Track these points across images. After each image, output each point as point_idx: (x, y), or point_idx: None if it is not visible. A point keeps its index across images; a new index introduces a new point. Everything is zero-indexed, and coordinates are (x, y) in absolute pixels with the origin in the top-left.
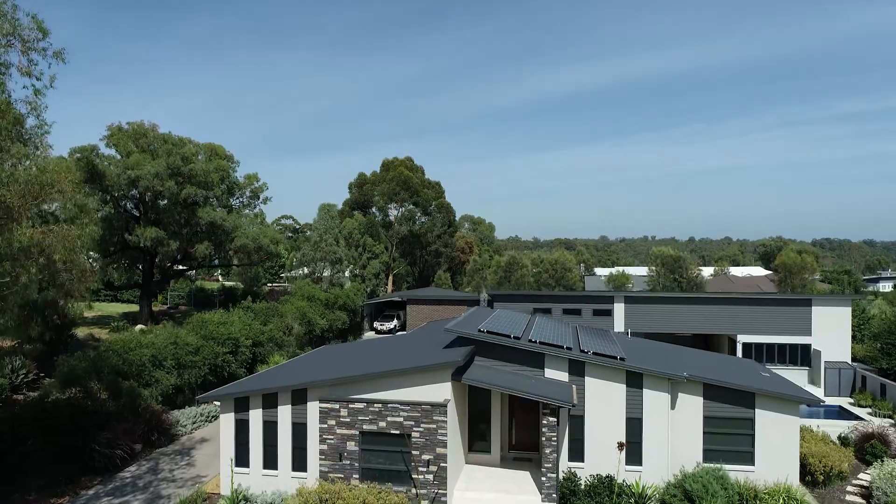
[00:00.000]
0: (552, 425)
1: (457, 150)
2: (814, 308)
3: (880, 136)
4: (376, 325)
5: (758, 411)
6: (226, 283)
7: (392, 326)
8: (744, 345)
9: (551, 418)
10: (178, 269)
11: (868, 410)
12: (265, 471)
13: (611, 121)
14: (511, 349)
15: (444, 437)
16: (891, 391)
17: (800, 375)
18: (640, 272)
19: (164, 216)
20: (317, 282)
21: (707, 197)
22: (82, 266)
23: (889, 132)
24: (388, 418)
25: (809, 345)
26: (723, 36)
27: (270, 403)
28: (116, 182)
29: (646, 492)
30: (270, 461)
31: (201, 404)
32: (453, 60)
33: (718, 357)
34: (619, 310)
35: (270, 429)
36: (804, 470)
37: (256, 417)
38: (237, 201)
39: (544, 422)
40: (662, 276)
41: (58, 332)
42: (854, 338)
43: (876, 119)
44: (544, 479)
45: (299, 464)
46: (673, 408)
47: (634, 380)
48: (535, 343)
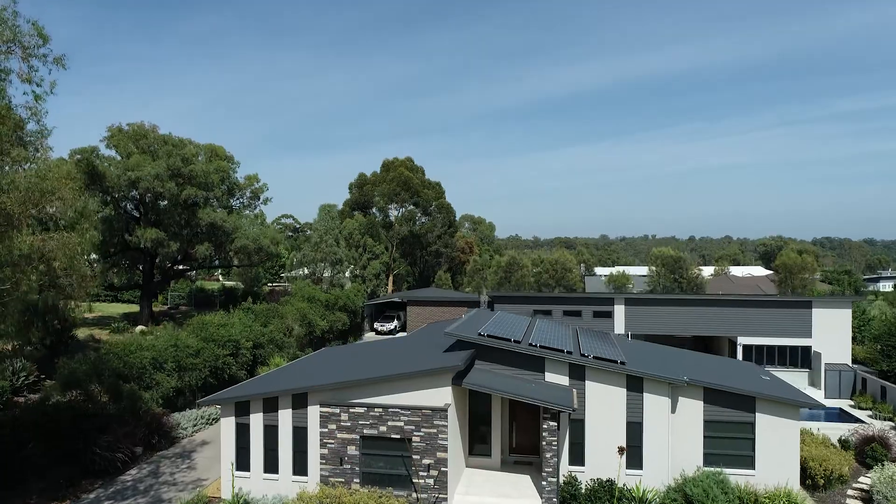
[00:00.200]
0: (553, 430)
1: (457, 150)
2: (814, 310)
3: (881, 134)
4: (376, 325)
5: (758, 415)
6: (226, 283)
7: (392, 327)
8: (744, 346)
9: (552, 423)
10: (179, 270)
11: (868, 413)
12: (266, 475)
13: (611, 120)
14: (511, 353)
15: (445, 441)
16: (891, 393)
17: (800, 377)
18: (641, 272)
19: (165, 217)
20: (317, 282)
21: (707, 196)
22: (83, 272)
23: (889, 130)
24: (389, 423)
25: (810, 347)
26: (723, 35)
27: (271, 407)
28: (117, 183)
29: (646, 496)
30: (271, 465)
31: (202, 407)
32: (453, 60)
33: (719, 360)
34: (619, 311)
35: (271, 433)
36: (804, 473)
37: (257, 421)
38: (237, 202)
39: (545, 426)
40: (663, 276)
41: (58, 334)
42: (854, 339)
43: (876, 117)
44: (545, 483)
45: (300, 468)
46: (673, 412)
47: (635, 384)
48: (536, 347)
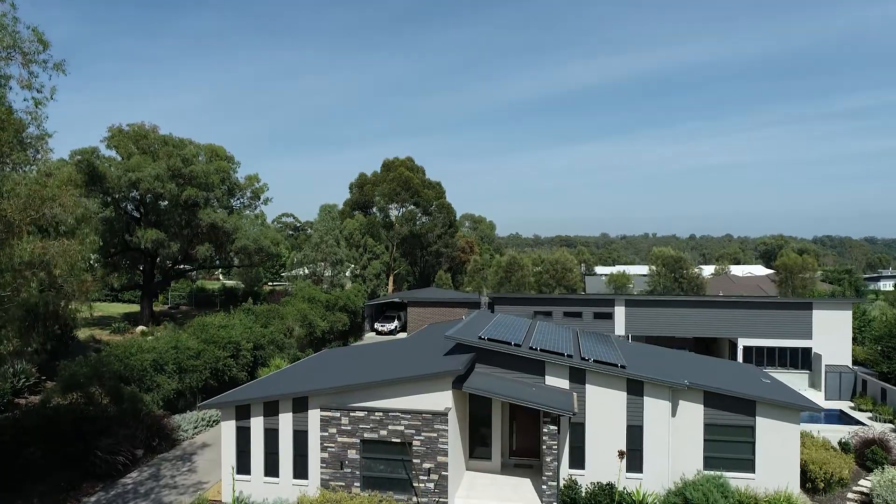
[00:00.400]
0: (553, 434)
1: (457, 148)
2: (814, 311)
3: (881, 132)
4: (377, 326)
5: (758, 419)
6: (226, 282)
7: (393, 327)
8: (745, 348)
9: (552, 427)
10: (179, 270)
11: (869, 415)
12: (266, 478)
13: (612, 118)
14: (512, 356)
15: (445, 445)
16: (891, 395)
17: (800, 379)
18: (641, 271)
19: (165, 217)
20: (317, 283)
21: (708, 194)
22: (83, 279)
23: (890, 128)
24: (389, 427)
25: (810, 348)
26: (723, 33)
27: (271, 411)
28: (117, 184)
29: (646, 499)
30: (272, 468)
31: (203, 410)
32: (454, 58)
33: (719, 362)
34: (619, 313)
35: (271, 436)
36: (805, 477)
37: (258, 425)
38: (238, 202)
39: (545, 430)
40: (663, 275)
41: (59, 339)
42: (855, 340)
43: (877, 115)
44: (545, 486)
45: (300, 471)
46: (674, 415)
47: (635, 387)
48: (536, 350)
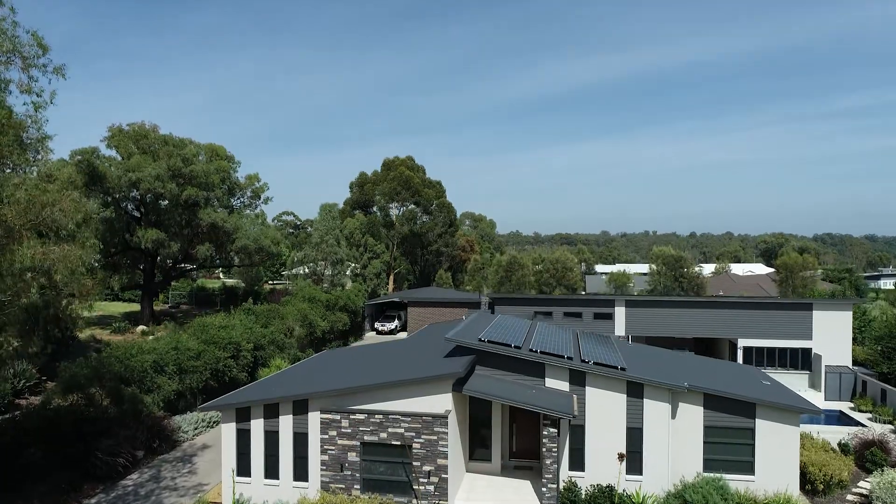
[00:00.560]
0: (553, 436)
1: (458, 147)
2: (815, 312)
3: (882, 130)
4: (377, 325)
5: (758, 421)
6: (227, 281)
7: (393, 327)
8: (744, 348)
9: (552, 429)
10: (180, 269)
11: (868, 416)
12: (266, 480)
13: (612, 117)
14: (512, 359)
15: (445, 448)
16: (891, 396)
17: (800, 379)
18: (642, 269)
19: (165, 217)
20: (318, 282)
21: (708, 192)
22: (84, 284)
23: (891, 127)
24: (390, 429)
25: (810, 349)
26: (723, 31)
27: (272, 413)
28: (117, 184)
29: (646, 502)
30: (272, 471)
31: (203, 410)
32: (454, 56)
33: (719, 364)
34: (619, 313)
35: (272, 439)
36: (804, 478)
37: (258, 427)
38: (238, 201)
39: (545, 433)
40: (664, 274)
41: (59, 342)
42: (855, 340)
43: (877, 113)
44: (545, 489)
45: (300, 473)
46: (673, 417)
47: (635, 390)
48: (536, 353)
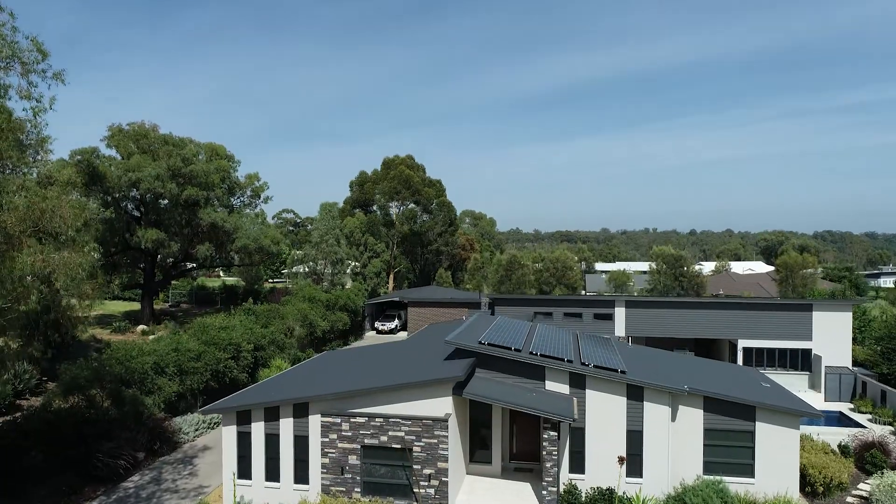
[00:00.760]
0: (553, 439)
1: (458, 143)
2: (814, 313)
3: (883, 127)
4: (377, 325)
5: (758, 424)
6: (227, 279)
7: (393, 326)
8: (744, 349)
9: (552, 432)
10: (180, 268)
11: (868, 417)
12: (267, 483)
13: (613, 112)
14: (512, 361)
15: (446, 451)
16: (891, 398)
17: (800, 380)
18: (642, 268)
19: (165, 217)
20: (318, 281)
21: (708, 189)
22: (84, 291)
23: (892, 123)
24: (390, 433)
25: (810, 349)
26: (723, 27)
27: (272, 416)
28: (117, 184)
29: None
30: (272, 473)
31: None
32: (455, 51)
33: (719, 365)
34: (619, 314)
35: (272, 441)
36: (804, 481)
37: (258, 430)
38: (238, 201)
39: (545, 436)
40: (664, 273)
41: (59, 347)
42: (855, 339)
43: (878, 110)
44: (545, 492)
45: (301, 476)
46: (673, 420)
47: (635, 392)
48: (536, 356)
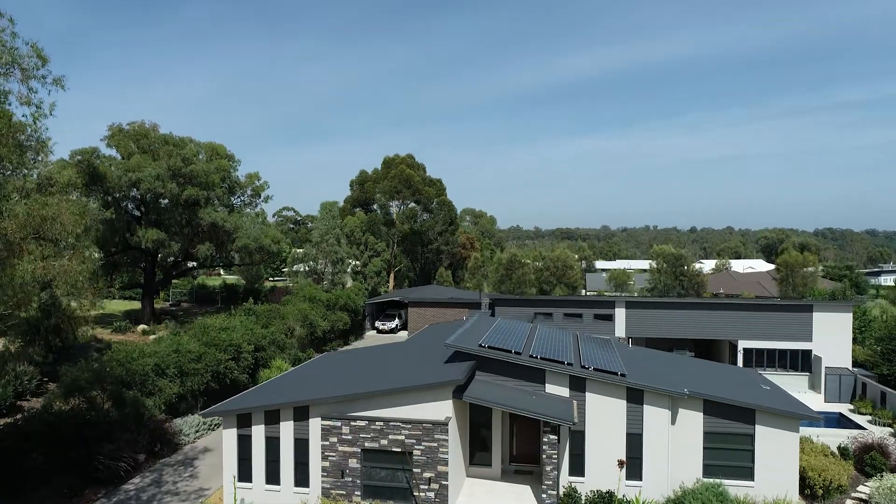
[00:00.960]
0: (553, 443)
1: (459, 140)
2: (815, 314)
3: (884, 123)
4: (378, 324)
5: (758, 427)
6: (227, 278)
7: (394, 326)
8: (745, 350)
9: (552, 436)
10: (181, 267)
11: (868, 418)
12: (268, 486)
13: (613, 110)
14: (512, 364)
15: (446, 455)
16: (891, 399)
17: (800, 381)
18: (642, 266)
19: (166, 217)
20: (318, 281)
21: (709, 186)
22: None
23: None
24: (390, 436)
25: (810, 350)
26: (724, 24)
27: (272, 419)
28: (117, 184)
29: None
30: (273, 476)
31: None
32: (456, 48)
33: (719, 367)
34: (619, 314)
35: (273, 444)
36: (803, 483)
37: (259, 433)
38: (238, 200)
39: (545, 439)
40: (664, 272)
41: (60, 352)
42: (855, 340)
43: (879, 107)
44: (545, 495)
45: (301, 479)
46: (673, 423)
47: (635, 395)
48: (536, 359)
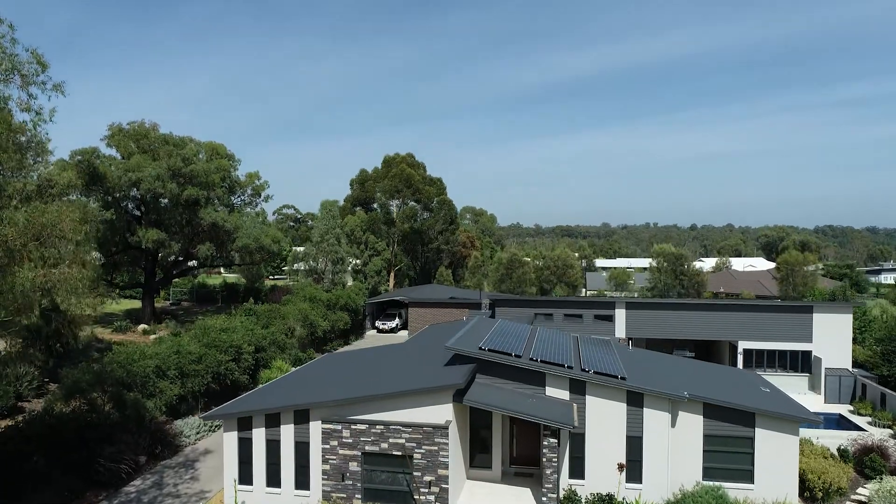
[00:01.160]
0: (553, 446)
1: (459, 137)
2: (815, 315)
3: (884, 120)
4: (378, 324)
5: (758, 430)
6: (227, 276)
7: (394, 325)
8: (745, 351)
9: (552, 439)
10: (181, 266)
11: (868, 419)
12: (268, 489)
13: (613, 107)
14: (512, 367)
15: (446, 458)
16: (891, 400)
17: (800, 382)
18: (642, 264)
19: (166, 217)
20: (318, 280)
21: (709, 184)
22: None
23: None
24: (390, 440)
25: (810, 351)
26: (725, 21)
27: (273, 423)
28: (118, 184)
29: None
30: (273, 479)
31: (204, 413)
32: (456, 46)
33: (719, 369)
34: (620, 315)
35: (273, 447)
36: (803, 485)
37: (259, 436)
38: (238, 200)
39: (545, 443)
40: (665, 271)
41: (60, 356)
42: (855, 340)
43: (879, 103)
44: (545, 498)
45: (302, 482)
46: (673, 426)
47: (635, 399)
48: (536, 361)
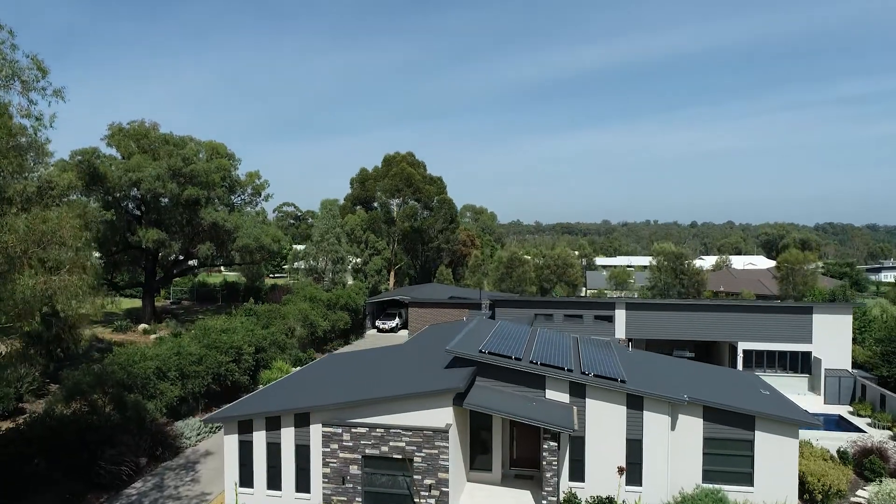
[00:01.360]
0: (553, 449)
1: (459, 135)
2: (815, 315)
3: (885, 118)
4: (378, 323)
5: (757, 433)
6: (228, 275)
7: (394, 325)
8: (744, 352)
9: (552, 442)
10: (182, 266)
11: (867, 421)
12: (269, 491)
13: (613, 105)
14: (512, 371)
15: (446, 461)
16: (890, 402)
17: (800, 383)
18: (642, 262)
19: (166, 216)
20: (319, 280)
21: (709, 181)
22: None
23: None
24: (391, 443)
25: (810, 352)
26: (726, 17)
27: (273, 426)
28: (118, 184)
29: None
30: (274, 482)
31: (205, 414)
32: (456, 43)
33: (719, 371)
34: (620, 316)
35: (274, 450)
36: (803, 488)
37: (260, 439)
38: (238, 199)
39: (545, 446)
40: (665, 270)
41: (60, 361)
42: (855, 340)
43: (879, 101)
44: (545, 501)
45: (303, 485)
46: (673, 429)
47: (635, 402)
48: (536, 364)
